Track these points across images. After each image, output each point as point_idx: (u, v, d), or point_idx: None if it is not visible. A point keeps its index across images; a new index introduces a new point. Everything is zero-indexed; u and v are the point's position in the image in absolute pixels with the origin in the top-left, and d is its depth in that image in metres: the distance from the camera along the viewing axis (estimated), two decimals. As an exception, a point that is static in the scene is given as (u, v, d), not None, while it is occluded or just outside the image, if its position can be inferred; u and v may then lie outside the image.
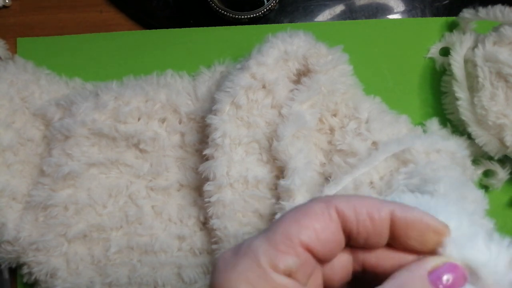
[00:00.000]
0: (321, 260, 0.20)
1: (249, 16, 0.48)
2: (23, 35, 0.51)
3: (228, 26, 0.49)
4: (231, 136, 0.42)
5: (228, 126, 0.42)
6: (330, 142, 0.44)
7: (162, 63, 0.49)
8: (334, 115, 0.44)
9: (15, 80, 0.46)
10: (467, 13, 0.45)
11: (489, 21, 0.43)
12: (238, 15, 0.48)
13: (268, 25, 0.50)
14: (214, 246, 0.43)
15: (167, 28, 0.50)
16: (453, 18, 0.48)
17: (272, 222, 0.20)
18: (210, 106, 0.44)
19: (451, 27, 0.48)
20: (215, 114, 0.42)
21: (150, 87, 0.46)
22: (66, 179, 0.44)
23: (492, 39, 0.43)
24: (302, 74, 0.44)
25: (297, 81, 0.44)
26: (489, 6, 0.43)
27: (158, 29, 0.50)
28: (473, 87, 0.44)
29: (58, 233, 0.44)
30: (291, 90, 0.43)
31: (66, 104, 0.46)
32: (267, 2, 0.48)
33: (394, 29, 0.49)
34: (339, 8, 0.50)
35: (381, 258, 0.20)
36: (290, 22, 0.50)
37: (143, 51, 0.50)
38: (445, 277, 0.19)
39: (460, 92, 0.44)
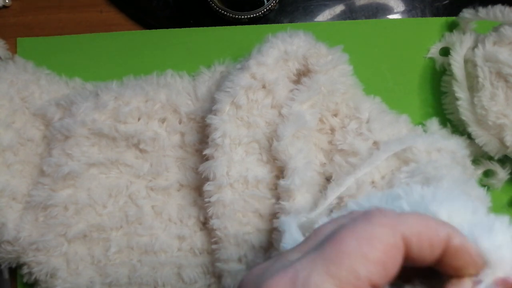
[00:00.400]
0: None
1: (249, 16, 0.48)
2: (23, 35, 0.51)
3: (228, 26, 0.49)
4: (231, 136, 0.42)
5: (228, 126, 0.42)
6: (330, 142, 0.44)
7: (162, 63, 0.49)
8: (335, 115, 0.44)
9: (15, 80, 0.46)
10: (467, 13, 0.45)
11: (489, 21, 0.43)
12: (238, 15, 0.48)
13: (268, 25, 0.50)
14: (214, 246, 0.43)
15: (167, 28, 0.50)
16: (453, 18, 0.48)
17: (328, 243, 0.18)
18: (210, 106, 0.44)
19: (451, 27, 0.48)
20: (215, 114, 0.42)
21: (150, 87, 0.46)
22: (66, 179, 0.44)
23: (492, 39, 0.43)
24: (302, 74, 0.44)
25: (297, 81, 0.44)
26: (489, 6, 0.43)
27: (158, 29, 0.50)
28: (473, 87, 0.44)
29: (58, 233, 0.44)
30: (291, 90, 0.43)
31: (66, 104, 0.46)
32: (267, 2, 0.48)
33: (394, 29, 0.49)
34: (339, 8, 0.50)
35: None
36: (290, 22, 0.50)
37: (143, 51, 0.50)
38: None
39: (460, 92, 0.44)
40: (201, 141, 0.46)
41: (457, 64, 0.44)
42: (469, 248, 0.18)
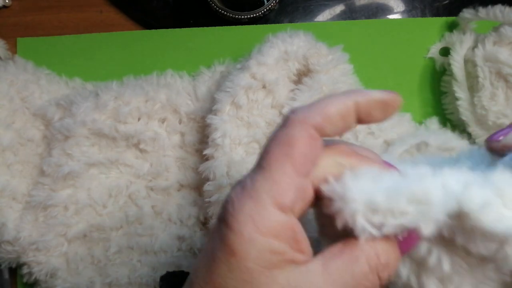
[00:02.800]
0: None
1: (249, 16, 0.48)
2: (23, 35, 0.51)
3: (228, 26, 0.49)
4: (231, 136, 0.42)
5: (228, 126, 0.42)
6: None
7: (162, 63, 0.49)
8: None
9: (15, 80, 0.46)
10: (467, 13, 0.45)
11: (489, 21, 0.43)
12: (238, 15, 0.48)
13: (268, 25, 0.50)
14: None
15: (167, 28, 0.50)
16: (453, 18, 0.48)
17: (261, 157, 0.21)
18: (210, 106, 0.44)
19: (451, 27, 0.48)
20: (215, 114, 0.42)
21: (150, 87, 0.46)
22: (66, 179, 0.44)
23: (492, 39, 0.43)
24: (302, 74, 0.44)
25: (297, 81, 0.44)
26: (489, 6, 0.43)
27: (158, 29, 0.50)
28: (473, 87, 0.44)
29: (58, 233, 0.44)
30: (292, 90, 0.43)
31: (66, 104, 0.46)
32: (267, 2, 0.48)
33: (394, 29, 0.49)
34: (339, 8, 0.50)
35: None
36: (290, 22, 0.50)
37: (143, 51, 0.50)
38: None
39: (460, 92, 0.44)
40: (201, 141, 0.46)
41: (457, 64, 0.44)
42: (373, 95, 0.22)
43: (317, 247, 0.22)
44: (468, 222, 0.19)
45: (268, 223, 0.19)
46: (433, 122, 0.46)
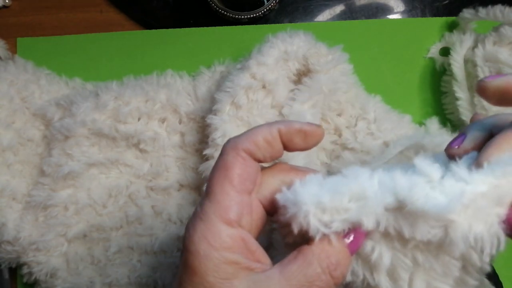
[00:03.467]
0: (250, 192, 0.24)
1: (249, 16, 0.48)
2: (23, 35, 0.51)
3: (228, 26, 0.49)
4: (231, 136, 0.42)
5: (228, 126, 0.42)
6: (334, 142, 0.44)
7: (162, 63, 0.49)
8: (339, 114, 0.44)
9: (15, 80, 0.46)
10: (467, 13, 0.45)
11: (489, 21, 0.43)
12: (238, 15, 0.48)
13: (268, 25, 0.50)
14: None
15: (167, 28, 0.50)
16: (453, 18, 0.48)
17: (206, 185, 0.24)
18: (210, 106, 0.44)
19: (451, 27, 0.48)
20: (215, 114, 0.42)
21: (150, 87, 0.46)
22: (66, 179, 0.44)
23: (492, 39, 0.43)
24: (302, 74, 0.44)
25: (297, 81, 0.44)
26: (489, 6, 0.43)
27: (158, 29, 0.50)
28: (473, 87, 0.44)
29: (58, 233, 0.44)
30: (291, 90, 0.43)
31: (66, 104, 0.46)
32: (267, 2, 0.48)
33: (394, 29, 0.49)
34: (339, 8, 0.50)
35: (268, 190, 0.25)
36: (290, 22, 0.50)
37: (143, 51, 0.50)
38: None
39: (460, 92, 0.44)
40: (201, 141, 0.46)
41: (457, 64, 0.44)
42: (293, 125, 0.25)
43: None
44: (404, 209, 0.21)
45: (219, 238, 0.22)
46: (433, 122, 0.46)
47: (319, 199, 0.21)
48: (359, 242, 0.22)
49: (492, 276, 0.43)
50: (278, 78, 0.43)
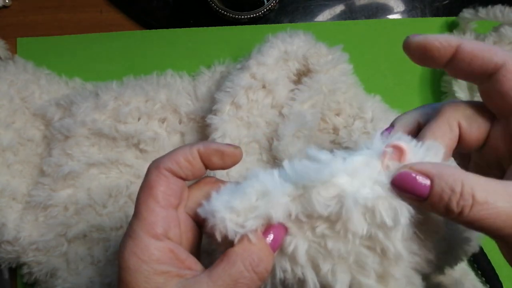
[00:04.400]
0: (176, 207, 0.26)
1: (249, 16, 0.48)
2: (23, 35, 0.51)
3: (228, 26, 0.49)
4: (231, 136, 0.42)
5: (228, 126, 0.42)
6: (333, 142, 0.44)
7: (162, 63, 0.49)
8: (337, 114, 0.44)
9: (15, 80, 0.46)
10: (467, 13, 0.45)
11: (489, 21, 0.43)
12: (238, 15, 0.48)
13: (268, 25, 0.50)
14: (213, 246, 0.43)
15: (167, 28, 0.50)
16: (453, 18, 0.48)
17: (135, 206, 0.26)
18: (210, 106, 0.44)
19: (451, 27, 0.48)
20: (215, 114, 0.42)
21: (150, 87, 0.46)
22: (66, 179, 0.44)
23: (492, 39, 0.43)
24: (302, 74, 0.44)
25: (297, 81, 0.44)
26: (489, 6, 0.43)
27: (158, 29, 0.50)
28: (473, 87, 0.44)
29: (58, 233, 0.44)
30: (291, 90, 0.43)
31: (66, 104, 0.46)
32: (267, 2, 0.48)
33: (394, 29, 0.49)
34: (339, 8, 0.50)
35: None
36: (290, 22, 0.50)
37: (143, 51, 0.50)
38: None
39: (460, 92, 0.44)
40: (201, 141, 0.46)
41: (457, 64, 0.44)
42: (211, 145, 0.27)
43: None
44: (305, 192, 0.23)
45: (147, 252, 0.24)
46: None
47: (231, 204, 0.23)
48: (279, 238, 0.24)
49: (492, 276, 0.43)
50: (278, 78, 0.43)
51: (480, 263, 0.43)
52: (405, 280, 0.24)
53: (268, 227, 0.24)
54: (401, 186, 0.22)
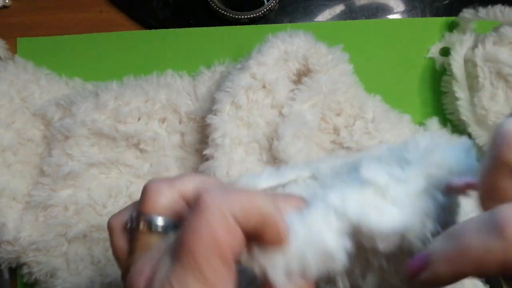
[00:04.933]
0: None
1: (249, 16, 0.48)
2: (23, 35, 0.51)
3: (228, 26, 0.49)
4: (231, 136, 0.42)
5: (228, 126, 0.42)
6: (333, 142, 0.44)
7: (162, 63, 0.49)
8: (338, 114, 0.44)
9: (15, 80, 0.46)
10: (467, 13, 0.45)
11: (489, 21, 0.43)
12: (238, 15, 0.48)
13: (268, 25, 0.50)
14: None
15: (167, 28, 0.50)
16: (453, 18, 0.48)
17: (177, 247, 0.21)
18: (210, 106, 0.44)
19: (451, 27, 0.48)
20: (215, 114, 0.42)
21: (150, 87, 0.46)
22: (66, 179, 0.44)
23: (492, 39, 0.43)
24: (302, 74, 0.44)
25: (297, 81, 0.44)
26: (489, 6, 0.43)
27: (158, 29, 0.50)
28: (473, 87, 0.44)
29: (58, 233, 0.44)
30: (291, 90, 0.43)
31: (66, 104, 0.46)
32: (267, 2, 0.48)
33: (394, 29, 0.49)
34: (339, 8, 0.50)
35: None
36: (290, 22, 0.50)
37: (143, 51, 0.50)
38: None
39: (460, 92, 0.44)
40: (201, 141, 0.46)
41: (457, 64, 0.44)
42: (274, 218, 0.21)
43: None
44: (364, 236, 0.21)
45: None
46: (433, 123, 0.46)
47: (288, 267, 0.21)
48: None
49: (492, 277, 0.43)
50: (278, 78, 0.42)
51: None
52: None
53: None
54: None
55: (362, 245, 0.22)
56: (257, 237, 0.21)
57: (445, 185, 0.22)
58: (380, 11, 0.50)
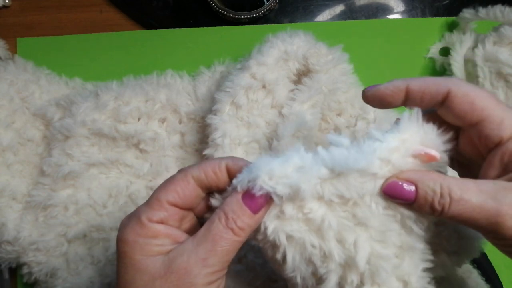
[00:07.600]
0: (188, 209, 0.29)
1: (249, 16, 0.48)
2: (23, 35, 0.51)
3: (228, 26, 0.49)
4: (231, 136, 0.42)
5: (228, 126, 0.42)
6: None
7: (162, 63, 0.49)
8: (339, 114, 0.44)
9: (15, 80, 0.46)
10: (467, 13, 0.45)
11: (489, 21, 0.43)
12: (238, 15, 0.48)
13: (268, 25, 0.50)
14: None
15: (167, 28, 0.50)
16: (453, 18, 0.48)
17: (151, 195, 0.28)
18: (210, 106, 0.44)
19: (451, 27, 0.48)
20: (215, 114, 0.42)
21: (150, 87, 0.46)
22: (66, 179, 0.44)
23: (492, 39, 0.43)
24: (302, 74, 0.44)
25: (297, 81, 0.44)
26: (489, 6, 0.43)
27: (158, 29, 0.50)
28: (472, 83, 0.44)
29: (58, 233, 0.44)
30: (291, 90, 0.43)
31: (66, 104, 0.46)
32: (267, 2, 0.48)
33: (394, 29, 0.49)
34: (339, 8, 0.50)
35: None
36: (290, 22, 0.50)
37: (143, 51, 0.50)
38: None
39: (460, 92, 0.44)
40: (201, 141, 0.46)
41: (457, 64, 0.44)
42: (239, 162, 0.28)
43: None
44: (337, 175, 0.25)
45: (145, 229, 0.27)
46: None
47: (270, 167, 0.25)
48: (261, 204, 0.26)
49: (493, 276, 0.43)
50: (278, 78, 0.43)
51: (480, 263, 0.43)
52: (419, 255, 0.26)
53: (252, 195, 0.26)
54: (391, 194, 0.25)
55: (336, 195, 0.25)
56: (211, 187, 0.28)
57: (412, 151, 0.26)
58: (380, 11, 0.50)
